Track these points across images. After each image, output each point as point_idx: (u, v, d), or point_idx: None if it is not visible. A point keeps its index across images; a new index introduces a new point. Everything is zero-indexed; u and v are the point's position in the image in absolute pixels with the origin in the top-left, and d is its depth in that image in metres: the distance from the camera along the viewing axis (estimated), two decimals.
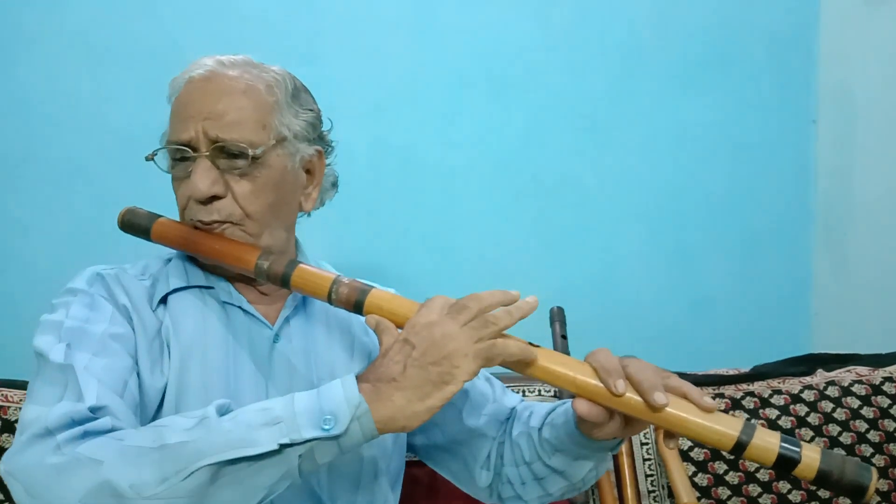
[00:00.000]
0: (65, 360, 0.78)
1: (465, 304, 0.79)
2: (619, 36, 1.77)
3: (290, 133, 0.92)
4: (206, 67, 0.91)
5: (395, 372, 0.74)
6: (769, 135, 1.84)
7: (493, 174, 1.74)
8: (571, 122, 1.76)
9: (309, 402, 0.73)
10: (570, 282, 1.75)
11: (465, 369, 0.75)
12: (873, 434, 1.52)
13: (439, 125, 1.71)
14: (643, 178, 1.80)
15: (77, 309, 0.85)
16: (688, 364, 1.61)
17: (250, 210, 0.90)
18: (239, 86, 0.90)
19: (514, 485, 0.97)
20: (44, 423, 0.73)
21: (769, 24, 1.83)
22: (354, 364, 0.97)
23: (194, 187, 0.87)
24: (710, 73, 1.81)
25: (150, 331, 0.88)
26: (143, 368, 0.85)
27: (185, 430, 0.71)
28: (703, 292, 1.83)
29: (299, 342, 0.94)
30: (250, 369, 0.90)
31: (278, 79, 0.93)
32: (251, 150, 0.88)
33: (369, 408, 0.72)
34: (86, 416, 0.73)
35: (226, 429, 0.70)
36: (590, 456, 0.89)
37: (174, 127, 0.90)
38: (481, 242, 1.73)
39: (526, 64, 1.74)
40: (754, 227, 1.85)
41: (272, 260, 0.89)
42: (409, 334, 0.77)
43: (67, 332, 0.82)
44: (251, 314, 0.93)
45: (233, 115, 0.88)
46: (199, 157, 0.88)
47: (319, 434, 0.70)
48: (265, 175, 0.89)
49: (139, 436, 0.72)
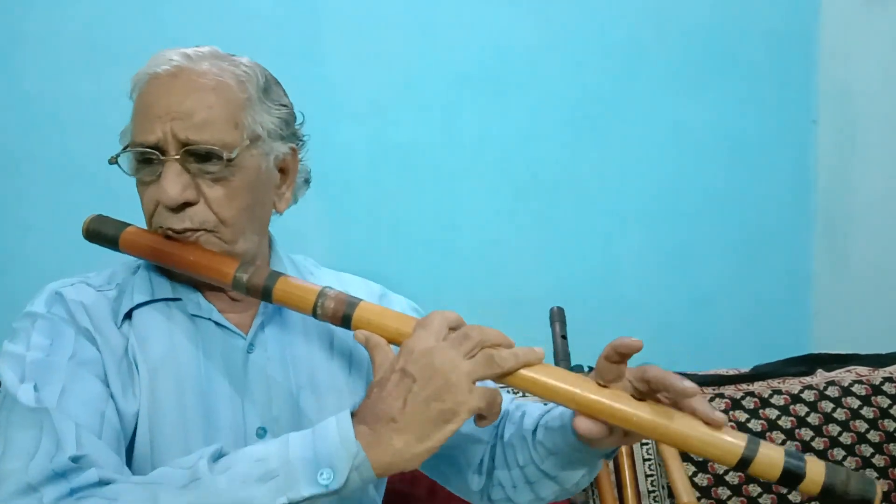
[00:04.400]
0: (36, 402, 0.73)
1: (468, 334, 0.74)
2: (619, 36, 1.77)
3: (264, 131, 0.86)
4: (172, 63, 0.84)
5: (395, 410, 0.70)
6: (769, 135, 1.84)
7: (493, 174, 1.73)
8: (571, 121, 1.76)
9: (303, 448, 0.69)
10: (570, 282, 1.75)
11: (468, 407, 0.71)
12: (873, 434, 1.52)
13: (439, 125, 1.71)
14: (643, 177, 1.80)
15: (37, 338, 0.80)
16: (688, 364, 1.61)
17: (225, 216, 0.84)
18: (208, 82, 0.83)
19: (504, 488, 0.94)
20: (24, 477, 0.68)
21: (769, 24, 1.83)
22: (335, 366, 0.93)
23: (164, 194, 0.81)
24: (709, 73, 1.81)
25: (116, 351, 0.82)
26: (115, 393, 0.80)
27: (178, 489, 0.67)
28: (703, 292, 1.83)
29: (275, 350, 0.89)
30: (225, 387, 0.85)
31: (249, 73, 0.86)
32: (225, 153, 0.81)
33: (367, 455, 0.68)
34: (69, 467, 0.69)
35: (221, 489, 0.67)
36: (584, 461, 0.87)
37: (139, 127, 0.83)
38: (481, 242, 1.73)
39: (526, 64, 1.74)
40: (754, 226, 1.85)
41: (251, 272, 0.84)
42: (407, 363, 0.72)
43: (32, 368, 0.77)
44: (222, 325, 0.88)
45: (202, 114, 0.81)
46: (168, 160, 0.81)
47: (318, 491, 0.67)
48: (239, 178, 0.84)
49: (131, 496, 0.67)
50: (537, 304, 1.53)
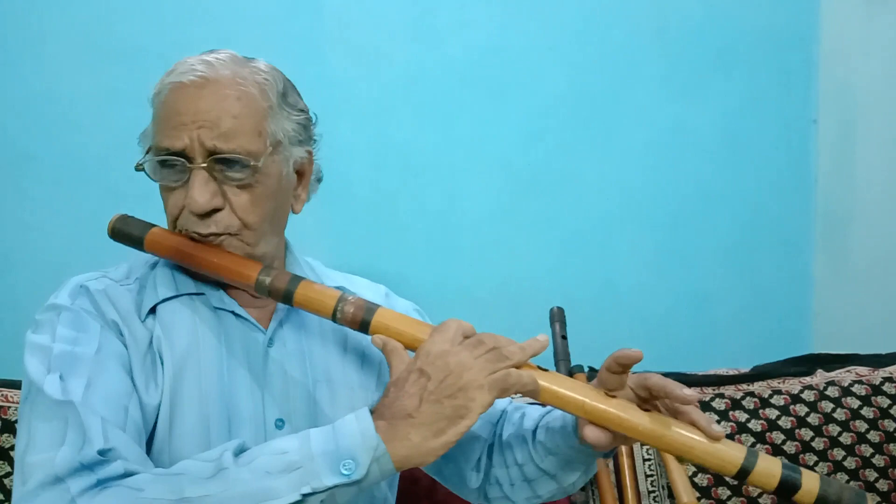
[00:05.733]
0: (62, 395, 0.75)
1: (481, 339, 0.79)
2: (619, 36, 1.77)
3: (285, 138, 0.89)
4: (196, 72, 0.86)
5: (411, 407, 0.74)
6: (769, 135, 1.84)
7: (493, 174, 1.74)
8: (571, 121, 1.76)
9: (325, 442, 0.72)
10: (570, 282, 1.75)
11: (481, 402, 0.75)
12: (873, 434, 1.52)
13: (439, 125, 1.71)
14: (643, 177, 1.80)
15: (63, 329, 0.81)
16: (687, 364, 1.61)
17: (249, 221, 0.87)
18: (233, 91, 0.85)
19: (502, 486, 0.97)
20: (51, 469, 0.69)
21: (769, 24, 1.83)
22: (348, 363, 0.95)
23: (193, 202, 0.84)
24: (710, 73, 1.81)
25: (141, 344, 0.85)
26: (138, 384, 0.82)
27: (203, 480, 0.69)
28: (703, 292, 1.83)
29: (293, 345, 0.92)
30: (245, 378, 0.88)
31: (269, 80, 0.89)
32: (251, 161, 0.84)
33: (387, 448, 0.72)
34: (96, 460, 0.71)
35: (245, 479, 0.69)
36: (583, 461, 0.90)
37: (164, 133, 0.85)
38: (481, 242, 1.74)
39: (526, 64, 1.74)
40: (754, 226, 1.85)
41: (273, 275, 0.87)
42: (424, 364, 0.77)
43: (58, 360, 0.78)
44: (244, 318, 0.91)
45: (228, 123, 0.84)
46: (195, 168, 0.84)
47: (340, 480, 0.70)
48: (263, 184, 0.87)
49: (157, 486, 0.69)
50: (537, 304, 1.53)
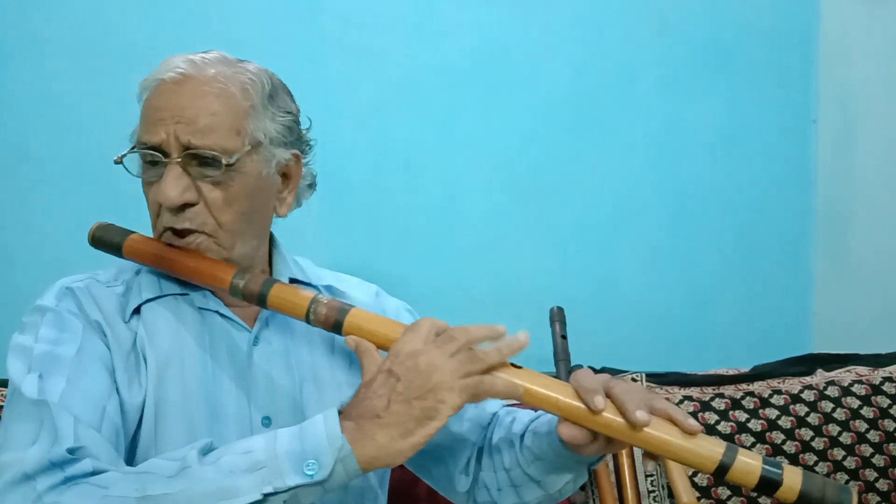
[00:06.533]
0: (38, 394, 0.75)
1: (453, 336, 0.78)
2: (619, 36, 1.77)
3: (266, 138, 0.88)
4: (179, 69, 0.86)
5: (379, 407, 0.73)
6: (769, 135, 1.84)
7: (493, 174, 1.74)
8: (571, 121, 1.76)
9: (290, 442, 0.72)
10: (570, 282, 1.75)
11: (450, 404, 0.74)
12: (873, 434, 1.52)
13: (439, 125, 1.71)
14: (643, 177, 1.80)
15: (46, 330, 0.82)
16: (687, 364, 1.61)
17: (222, 220, 0.87)
18: (212, 89, 0.85)
19: (490, 490, 0.96)
20: (21, 467, 0.70)
21: (769, 24, 1.82)
22: (336, 362, 0.95)
23: (164, 195, 0.84)
24: (710, 72, 1.81)
25: (124, 345, 0.85)
26: (120, 385, 0.83)
27: (167, 478, 0.70)
28: (702, 292, 1.83)
29: (279, 345, 0.92)
30: (230, 378, 0.87)
31: (254, 80, 0.88)
32: (224, 158, 0.84)
33: (352, 448, 0.71)
34: (65, 458, 0.71)
35: (208, 477, 0.69)
36: (570, 468, 0.89)
37: (144, 129, 0.86)
38: (481, 242, 1.73)
39: (526, 64, 1.74)
40: (754, 226, 1.85)
41: (248, 279, 0.87)
42: (394, 364, 0.76)
43: (38, 360, 0.79)
44: (229, 318, 0.90)
45: (205, 120, 0.84)
46: (169, 162, 0.84)
47: (303, 481, 0.70)
48: (238, 183, 0.86)
49: (122, 484, 0.70)
50: (537, 304, 1.53)
